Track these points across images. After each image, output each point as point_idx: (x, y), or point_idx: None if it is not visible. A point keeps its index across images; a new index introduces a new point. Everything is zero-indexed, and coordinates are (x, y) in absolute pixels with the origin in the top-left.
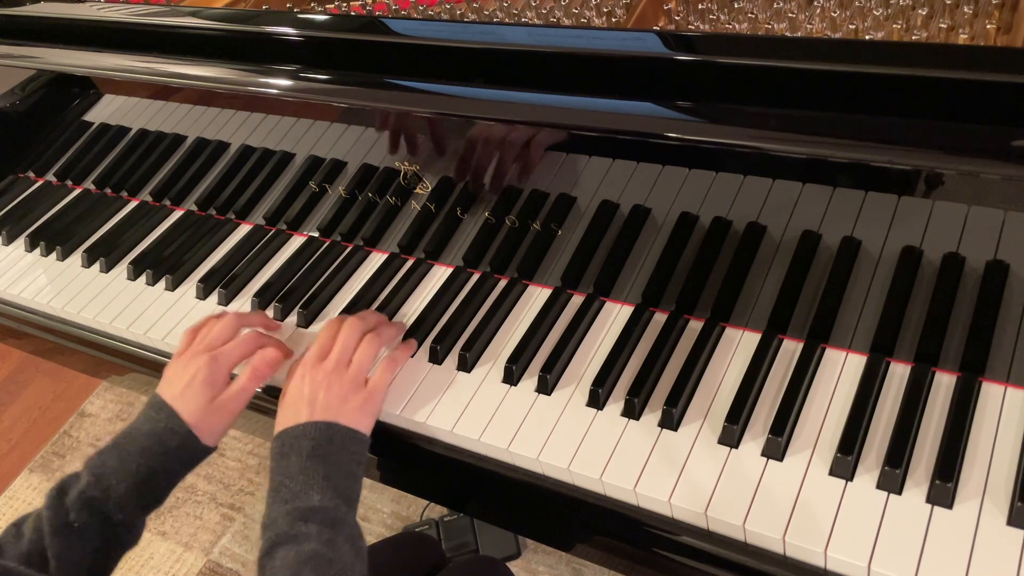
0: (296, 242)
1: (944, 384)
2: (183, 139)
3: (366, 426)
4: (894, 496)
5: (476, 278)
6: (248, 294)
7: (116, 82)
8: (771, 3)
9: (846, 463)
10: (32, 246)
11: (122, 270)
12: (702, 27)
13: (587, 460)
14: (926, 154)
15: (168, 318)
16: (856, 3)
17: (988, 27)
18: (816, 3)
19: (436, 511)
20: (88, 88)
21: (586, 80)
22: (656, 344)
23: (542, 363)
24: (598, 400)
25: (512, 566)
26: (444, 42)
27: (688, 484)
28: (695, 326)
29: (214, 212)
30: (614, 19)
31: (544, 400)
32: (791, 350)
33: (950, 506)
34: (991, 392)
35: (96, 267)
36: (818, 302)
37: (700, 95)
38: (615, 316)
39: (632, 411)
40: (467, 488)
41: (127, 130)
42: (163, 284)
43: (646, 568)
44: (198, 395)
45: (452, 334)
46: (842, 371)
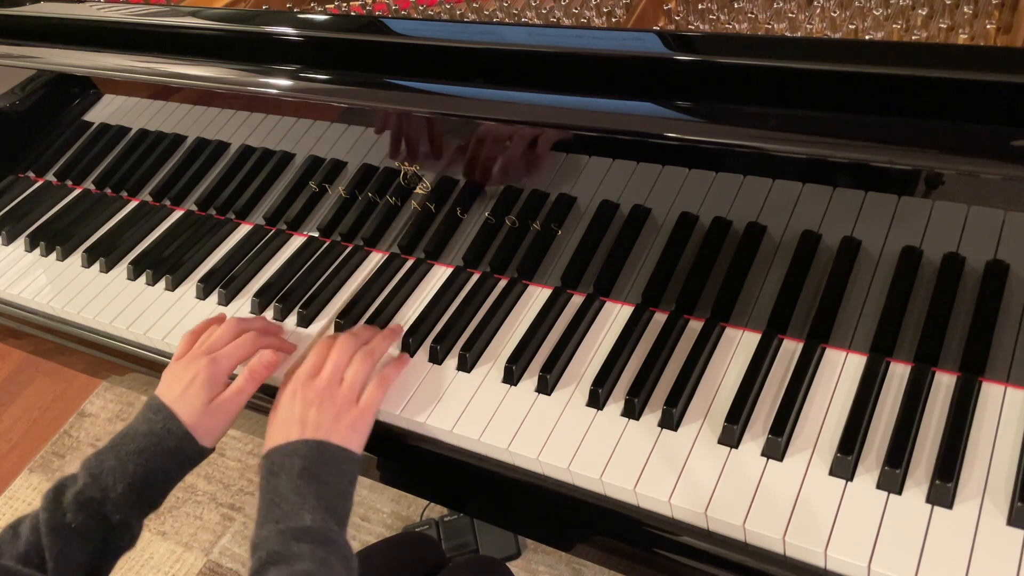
0: (296, 242)
1: (944, 384)
2: (183, 139)
3: (358, 444)
4: (894, 496)
5: (476, 278)
6: (248, 294)
7: (116, 82)
8: (771, 3)
9: (846, 463)
10: (32, 246)
11: (122, 270)
12: (702, 27)
13: (587, 460)
14: (926, 154)
15: (168, 318)
16: (856, 3)
17: (988, 27)
18: (816, 3)
19: (436, 511)
20: (88, 88)
21: (586, 80)
22: (656, 344)
23: (542, 363)
24: (598, 400)
25: (512, 566)
26: (444, 42)
27: (688, 484)
28: (695, 326)
29: (214, 212)
30: (614, 19)
31: (544, 400)
32: (791, 350)
33: (950, 506)
34: (991, 392)
35: (96, 267)
36: (818, 302)
37: (700, 95)
38: (615, 316)
39: (632, 411)
40: (467, 488)
41: (127, 130)
42: (163, 284)
43: (646, 568)
44: (197, 397)
45: (452, 334)
46: (842, 371)
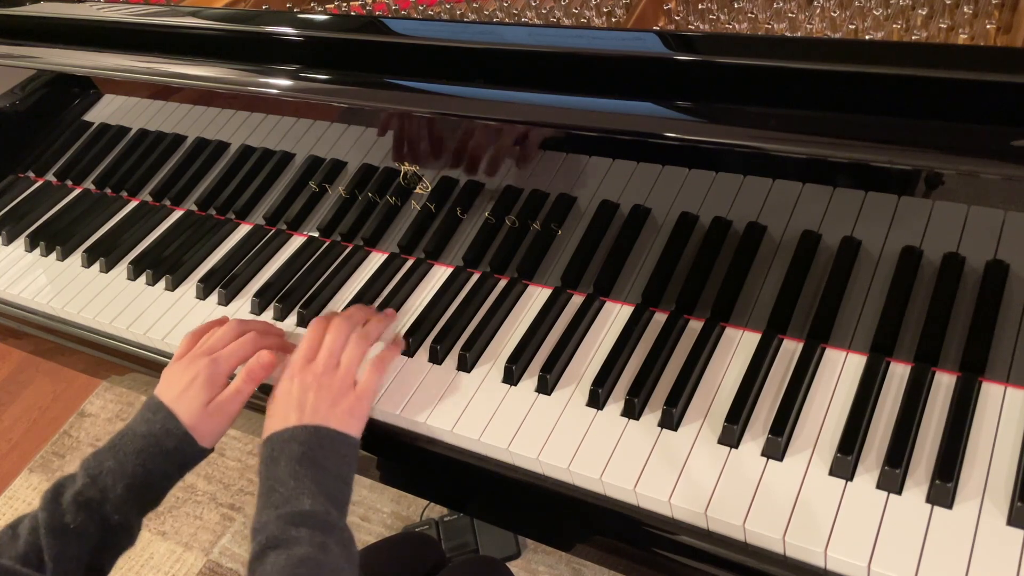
0: (296, 242)
1: (944, 384)
2: (183, 139)
3: (356, 429)
4: (894, 496)
5: (476, 278)
6: (248, 294)
7: (116, 82)
8: (771, 3)
9: (846, 463)
10: (32, 246)
11: (122, 270)
12: (702, 27)
13: (587, 460)
14: (926, 154)
15: (168, 318)
16: (856, 3)
17: (988, 27)
18: (816, 3)
19: (436, 511)
20: (88, 88)
21: (586, 80)
22: (656, 344)
23: (542, 363)
24: (598, 400)
25: (512, 566)
26: (444, 42)
27: (688, 484)
28: (695, 326)
29: (214, 212)
30: (614, 19)
31: (544, 400)
32: (791, 350)
33: (950, 506)
34: (991, 392)
35: (96, 267)
36: (818, 302)
37: (700, 95)
38: (615, 316)
39: (632, 411)
40: (467, 488)
41: (127, 130)
42: (163, 284)
43: (646, 568)
44: (196, 397)
45: (452, 334)
46: (842, 371)
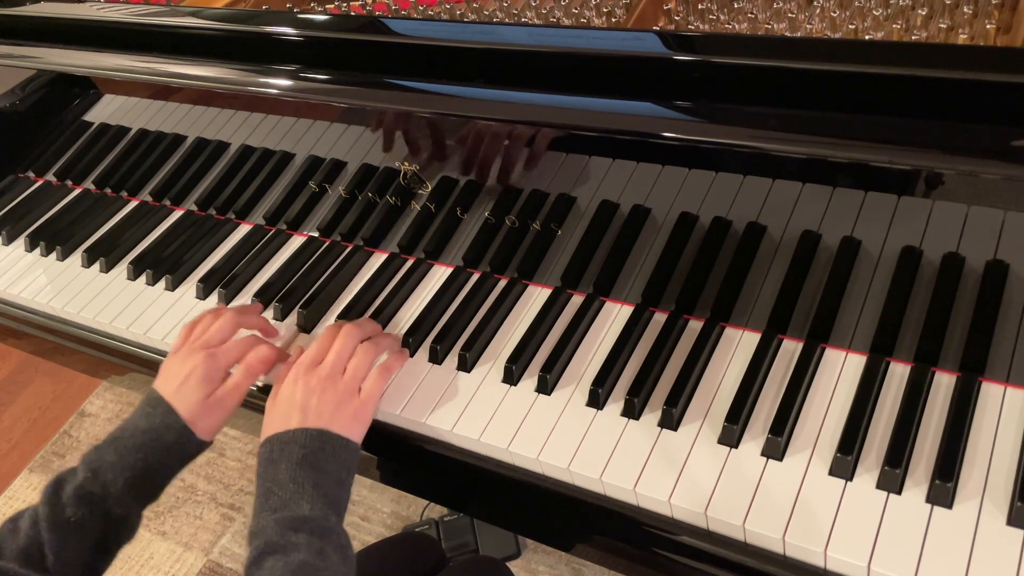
0: (296, 242)
1: (944, 384)
2: (183, 139)
3: (358, 435)
4: (894, 496)
5: (476, 278)
6: (248, 294)
7: (116, 82)
8: (771, 3)
9: (846, 463)
10: (32, 246)
11: (122, 270)
12: (702, 27)
13: (587, 460)
14: (926, 154)
15: (168, 318)
16: (856, 3)
17: (988, 27)
18: (816, 3)
19: (436, 511)
20: (88, 88)
21: (586, 80)
22: (656, 344)
23: (542, 363)
24: (598, 400)
25: (512, 566)
26: (444, 42)
27: (688, 484)
28: (695, 326)
29: (214, 212)
30: (614, 19)
31: (544, 400)
32: (791, 350)
33: (950, 506)
34: (991, 392)
35: (96, 267)
36: (818, 302)
37: (700, 95)
38: (615, 316)
39: (632, 411)
40: (467, 488)
41: (127, 130)
42: (163, 284)
43: (646, 568)
44: (194, 391)
45: (452, 334)
46: (842, 371)
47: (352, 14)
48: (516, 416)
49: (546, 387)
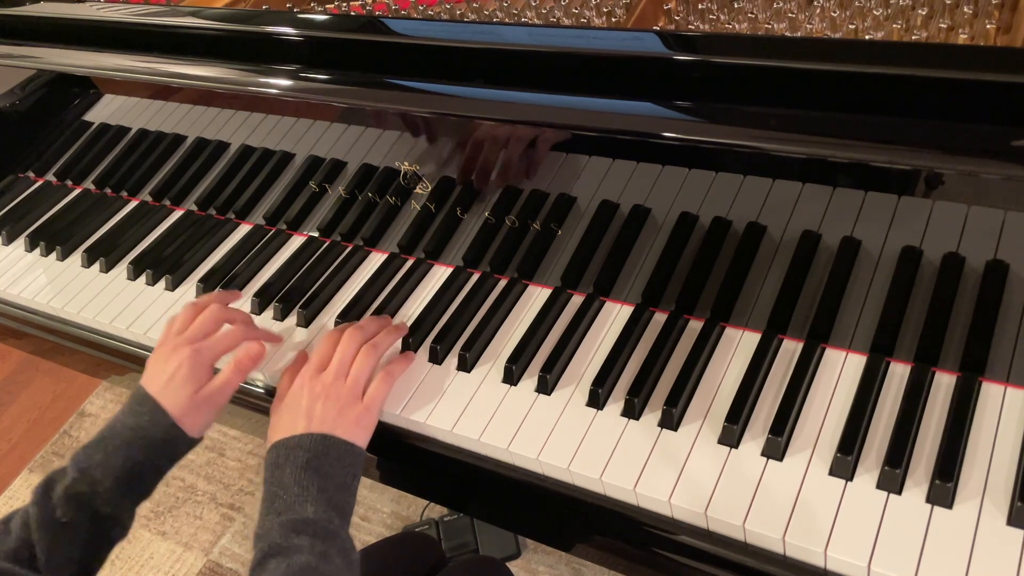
0: (296, 242)
1: (944, 384)
2: (183, 139)
3: (362, 439)
4: (894, 496)
5: (476, 278)
6: (248, 294)
7: (116, 82)
8: (771, 3)
9: (846, 463)
10: (32, 246)
11: (122, 270)
12: (702, 27)
13: (587, 460)
14: (926, 154)
15: (168, 318)
16: (856, 3)
17: (988, 27)
18: (816, 3)
19: (436, 511)
20: (88, 88)
21: (586, 80)
22: (656, 344)
23: (542, 363)
24: (598, 400)
25: (512, 566)
26: (444, 42)
27: (688, 484)
28: (695, 326)
29: (214, 212)
30: (614, 19)
31: (544, 400)
32: (791, 350)
33: (950, 506)
34: (991, 392)
35: (96, 267)
36: (818, 302)
37: (700, 95)
38: (615, 316)
39: (632, 411)
40: (467, 488)
41: (127, 130)
42: (163, 284)
43: (646, 568)
44: (181, 388)
45: (452, 334)
46: (842, 371)
47: (352, 14)
48: (516, 416)
49: (546, 387)
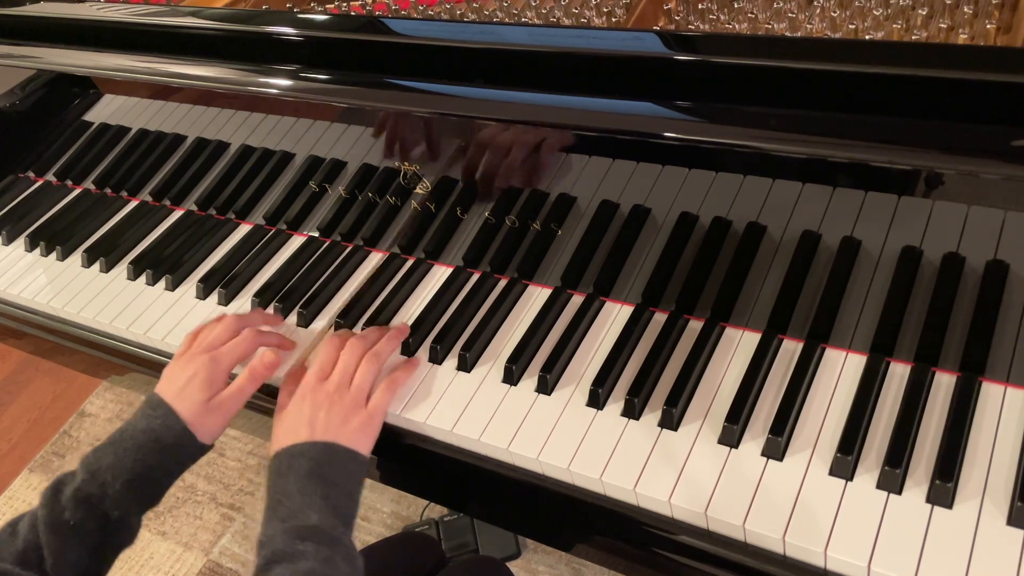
0: (296, 242)
1: (944, 384)
2: (183, 139)
3: (366, 447)
4: (894, 496)
5: (476, 278)
6: (248, 294)
7: (116, 82)
8: (771, 3)
9: (846, 463)
10: (32, 246)
11: (122, 270)
12: (702, 27)
13: (587, 460)
14: (926, 154)
15: (168, 318)
16: (856, 3)
17: (988, 27)
18: (816, 3)
19: (436, 511)
20: (88, 88)
21: (586, 80)
22: (656, 344)
23: (542, 363)
24: (598, 400)
25: (512, 566)
26: (444, 42)
27: (688, 484)
28: (695, 326)
29: (214, 212)
30: (614, 19)
31: (544, 400)
32: (791, 350)
33: (950, 506)
34: (991, 392)
35: (96, 267)
36: (818, 302)
37: (700, 95)
38: (615, 316)
39: (632, 411)
40: (467, 488)
41: (127, 130)
42: (163, 284)
43: (646, 568)
44: (196, 394)
45: (452, 334)
46: (842, 371)
47: (352, 14)
48: (516, 416)
49: (546, 387)
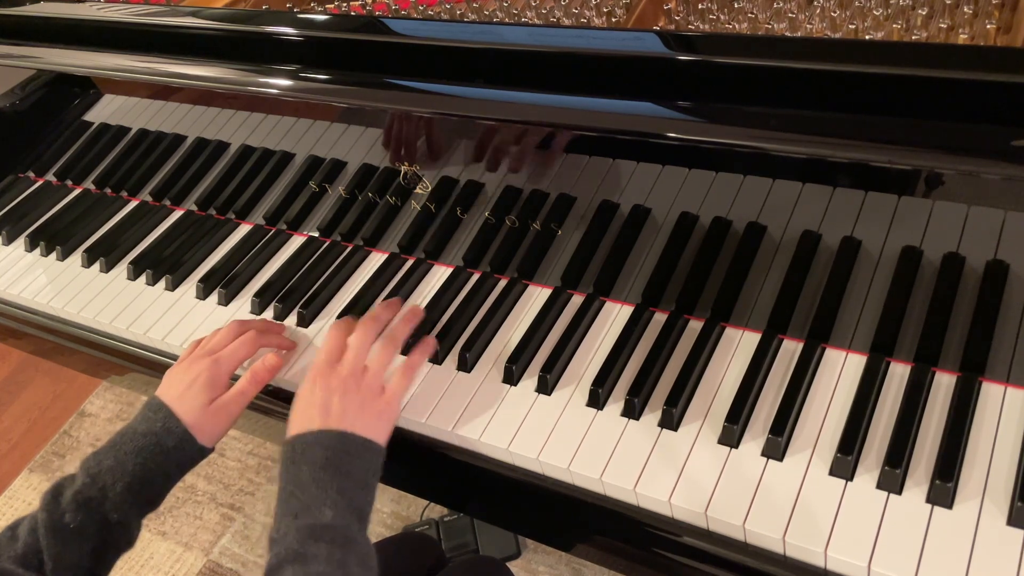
0: (296, 242)
1: (944, 384)
2: (183, 139)
3: (383, 436)
4: (894, 496)
5: (476, 278)
6: (248, 294)
7: (116, 82)
8: (771, 3)
9: (846, 463)
10: (32, 246)
11: (122, 270)
12: (702, 27)
13: (587, 460)
14: (926, 154)
15: (168, 318)
16: (856, 3)
17: (988, 27)
18: (816, 3)
19: (436, 511)
20: (88, 88)
21: (586, 80)
22: (656, 344)
23: (542, 363)
24: (598, 400)
25: (512, 566)
26: (444, 42)
27: (688, 484)
28: (695, 326)
29: (214, 212)
30: (614, 19)
31: (544, 400)
32: (791, 350)
33: (950, 506)
34: (991, 392)
35: (96, 267)
36: (818, 302)
37: (700, 95)
38: (615, 316)
39: (632, 411)
40: (467, 488)
41: (127, 130)
42: (163, 284)
43: (646, 568)
44: (197, 397)
45: (452, 334)
46: (842, 371)
47: (352, 14)
48: (516, 416)
49: (546, 387)
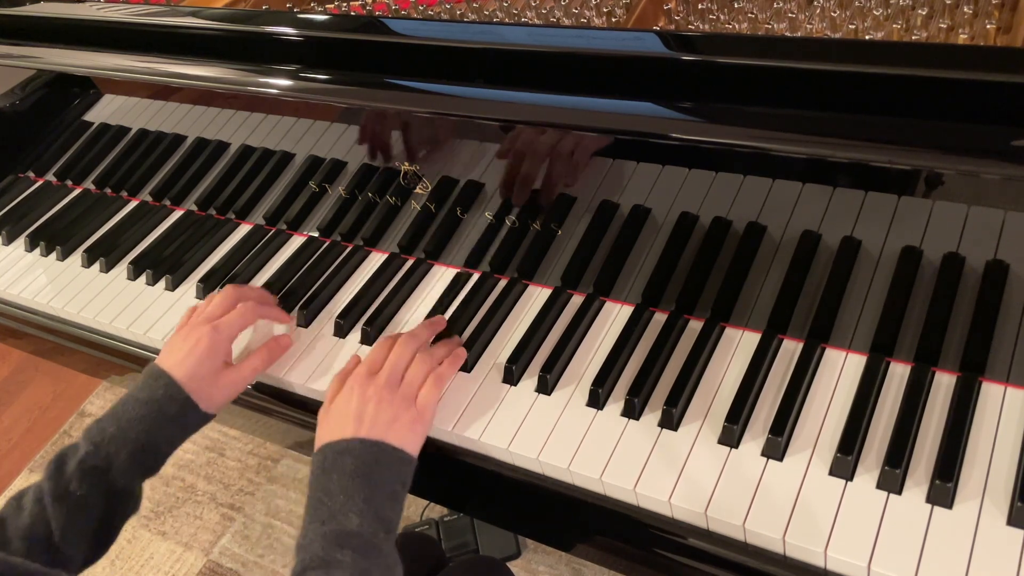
0: (296, 242)
1: (944, 384)
2: (183, 139)
3: (414, 447)
4: (894, 496)
5: (476, 278)
6: None
7: (116, 82)
8: (771, 3)
9: (846, 463)
10: (32, 246)
11: (122, 270)
12: (702, 27)
13: (587, 460)
14: (926, 154)
15: (168, 318)
16: (856, 3)
17: (988, 27)
18: (816, 3)
19: (436, 511)
20: (88, 88)
21: (586, 80)
22: (656, 344)
23: (542, 363)
24: (598, 400)
25: (512, 566)
26: (444, 42)
27: (688, 484)
28: (695, 326)
29: (214, 212)
30: (614, 19)
31: (544, 400)
32: (791, 350)
33: (950, 506)
34: (991, 392)
35: (96, 267)
36: (818, 302)
37: (700, 95)
38: (615, 316)
39: (632, 411)
40: (467, 488)
41: (127, 130)
42: (163, 284)
43: (646, 568)
44: (199, 364)
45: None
46: (842, 371)
47: (352, 14)
48: (516, 416)
49: (546, 387)
